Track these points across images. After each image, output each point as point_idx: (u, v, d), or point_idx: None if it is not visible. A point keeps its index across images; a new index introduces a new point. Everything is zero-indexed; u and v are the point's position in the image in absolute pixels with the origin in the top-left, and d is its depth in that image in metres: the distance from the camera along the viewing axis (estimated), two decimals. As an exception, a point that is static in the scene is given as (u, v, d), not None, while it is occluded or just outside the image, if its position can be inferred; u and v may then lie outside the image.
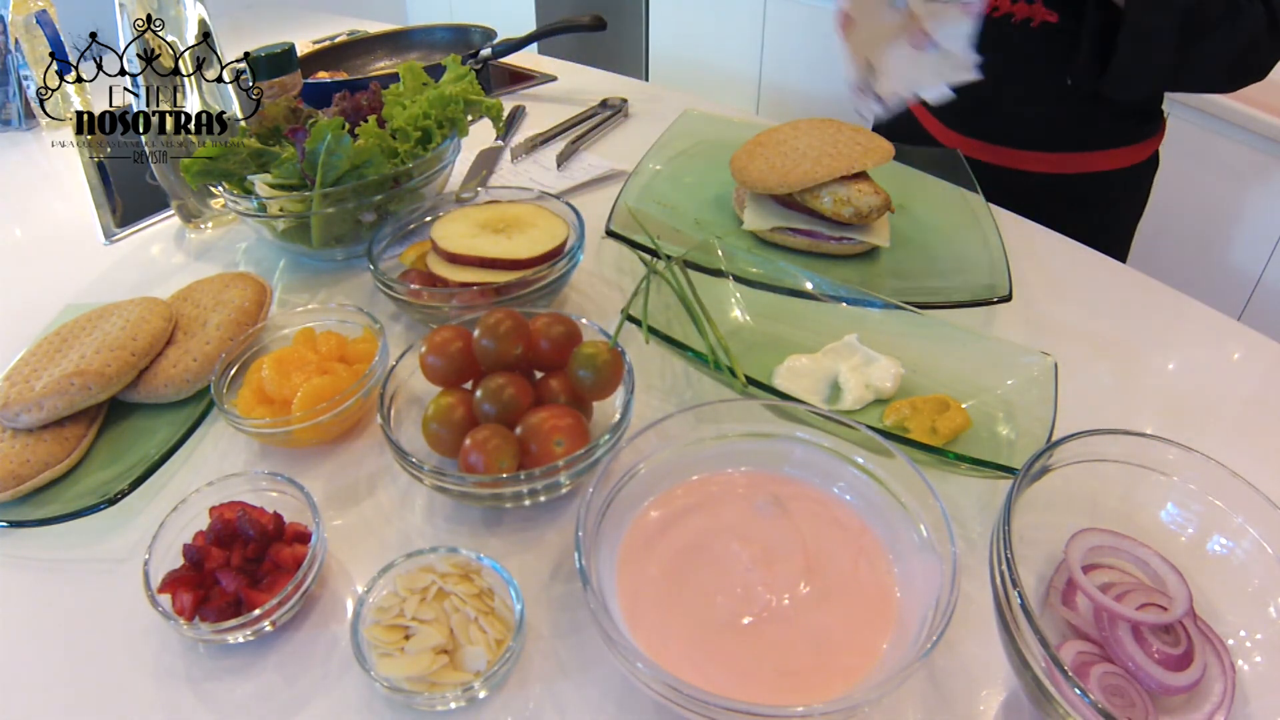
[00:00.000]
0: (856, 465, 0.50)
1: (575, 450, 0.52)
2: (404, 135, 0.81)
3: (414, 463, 0.52)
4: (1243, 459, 0.46)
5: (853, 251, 0.82)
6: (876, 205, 0.78)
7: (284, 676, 0.47)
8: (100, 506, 0.56)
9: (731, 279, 0.73)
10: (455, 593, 0.47)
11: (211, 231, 0.94)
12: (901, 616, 0.44)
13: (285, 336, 0.69)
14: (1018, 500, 0.42)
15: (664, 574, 0.46)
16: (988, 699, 0.45)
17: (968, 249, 0.81)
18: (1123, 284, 0.80)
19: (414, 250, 0.76)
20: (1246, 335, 0.73)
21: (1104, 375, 0.68)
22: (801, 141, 0.83)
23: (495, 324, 0.57)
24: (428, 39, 1.49)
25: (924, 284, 0.78)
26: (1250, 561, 0.44)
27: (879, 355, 0.64)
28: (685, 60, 2.47)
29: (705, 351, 0.61)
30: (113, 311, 0.69)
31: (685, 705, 0.38)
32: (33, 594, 0.54)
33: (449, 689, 0.44)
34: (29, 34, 1.17)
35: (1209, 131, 1.67)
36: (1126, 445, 0.47)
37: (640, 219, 0.83)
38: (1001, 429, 0.59)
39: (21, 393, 0.61)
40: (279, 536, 0.51)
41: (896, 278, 0.80)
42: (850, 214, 0.78)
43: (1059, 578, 0.47)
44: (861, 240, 0.80)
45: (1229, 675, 0.42)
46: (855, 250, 0.81)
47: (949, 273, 0.78)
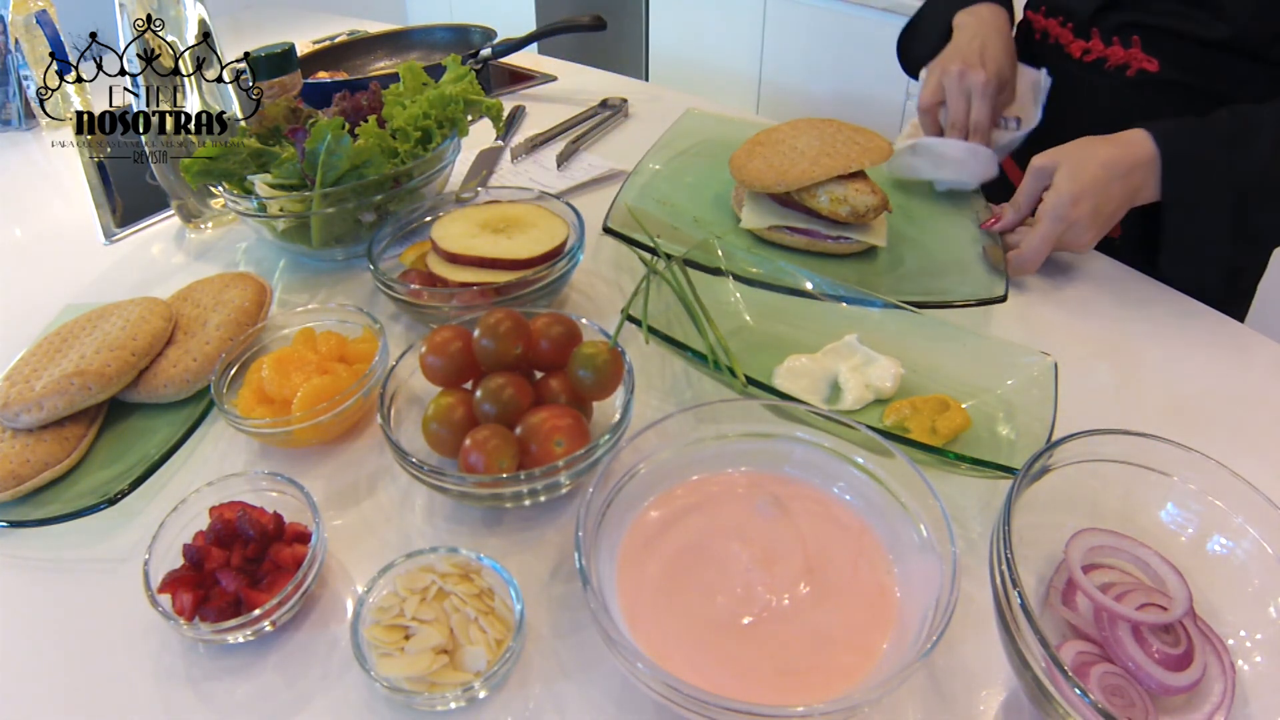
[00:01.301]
0: (856, 465, 0.50)
1: (575, 450, 0.52)
2: (404, 135, 0.81)
3: (414, 463, 0.52)
4: (1243, 459, 0.46)
5: (850, 250, 0.82)
6: (873, 205, 0.78)
7: (284, 676, 0.47)
8: (100, 506, 0.56)
9: (731, 278, 0.73)
10: (455, 593, 0.47)
11: (211, 231, 0.94)
12: (901, 616, 0.44)
13: (285, 336, 0.69)
14: (1018, 500, 0.43)
15: (664, 574, 0.46)
16: (988, 699, 0.45)
17: (967, 249, 0.81)
18: (1123, 284, 0.80)
19: (414, 250, 0.76)
20: (1246, 335, 0.73)
21: (1104, 375, 0.68)
22: (800, 141, 0.83)
23: (495, 324, 0.57)
24: (428, 39, 1.49)
25: (921, 283, 0.78)
26: (1250, 561, 0.44)
27: (879, 355, 0.64)
28: (685, 60, 2.47)
29: (705, 352, 0.61)
30: (113, 311, 0.69)
31: (685, 705, 0.38)
32: (33, 594, 0.54)
33: (449, 689, 0.44)
34: (29, 34, 1.17)
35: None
36: (1126, 445, 0.47)
37: (639, 217, 0.83)
38: (1001, 429, 0.59)
39: (21, 393, 0.61)
40: (279, 536, 0.51)
41: (894, 277, 0.80)
42: (847, 213, 0.78)
43: (1059, 578, 0.47)
44: (859, 239, 0.80)
45: (1229, 675, 0.42)
46: (852, 249, 0.81)
47: (947, 272, 0.78)
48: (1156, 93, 0.83)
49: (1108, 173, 0.72)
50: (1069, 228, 0.73)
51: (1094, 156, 0.73)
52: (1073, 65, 0.88)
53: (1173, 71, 0.82)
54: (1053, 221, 0.73)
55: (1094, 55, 0.86)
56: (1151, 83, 0.83)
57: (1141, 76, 0.83)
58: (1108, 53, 0.84)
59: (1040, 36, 0.92)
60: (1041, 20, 0.92)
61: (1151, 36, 0.81)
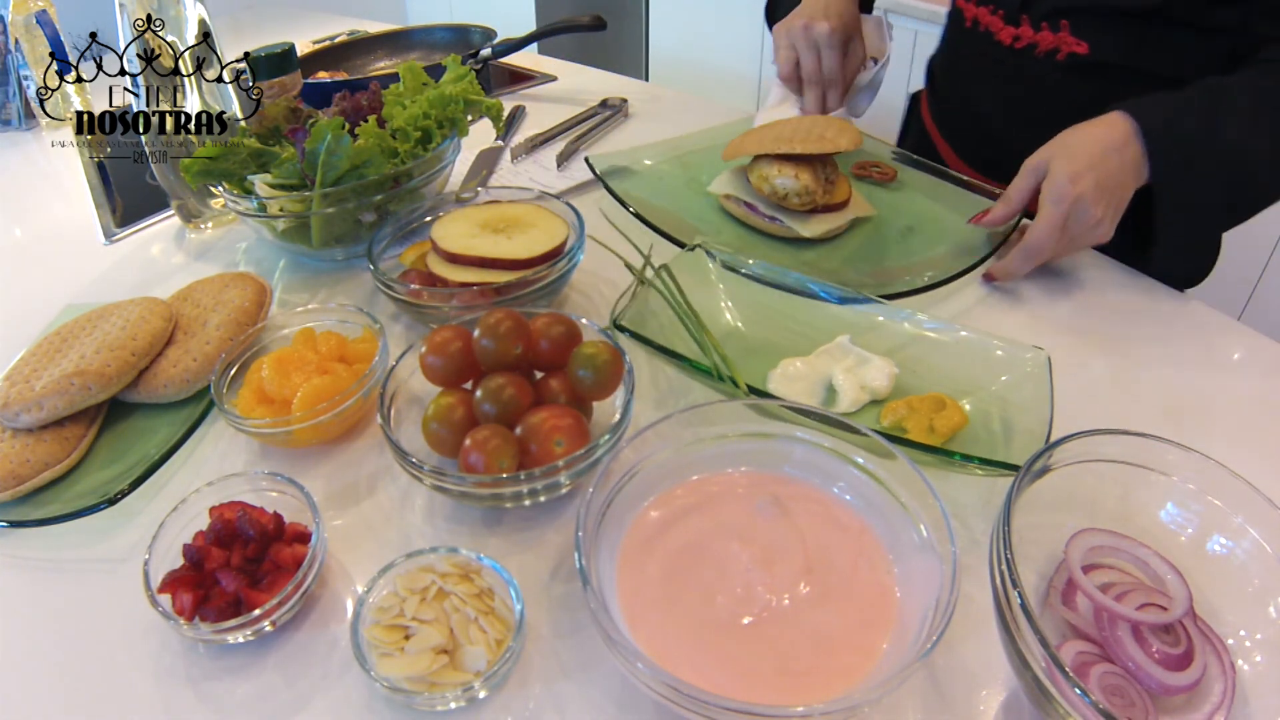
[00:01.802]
0: (856, 465, 0.50)
1: (575, 450, 0.52)
2: (404, 135, 0.81)
3: (414, 463, 0.52)
4: (1243, 459, 0.46)
5: (783, 234, 0.83)
6: (794, 190, 0.79)
7: (284, 676, 0.47)
8: (100, 506, 0.56)
9: (718, 274, 0.73)
10: (455, 593, 0.47)
11: (211, 231, 0.94)
12: (901, 616, 0.44)
13: (285, 336, 0.69)
14: (1018, 500, 0.43)
15: (664, 574, 0.46)
16: (988, 699, 0.45)
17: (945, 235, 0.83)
18: (1122, 283, 0.80)
19: (414, 250, 0.76)
20: (1246, 335, 0.73)
21: (1103, 375, 0.68)
22: (789, 126, 0.84)
23: (495, 324, 0.57)
24: (428, 39, 1.49)
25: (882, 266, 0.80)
26: (1250, 561, 0.44)
27: (872, 355, 0.64)
28: (685, 60, 2.47)
29: (705, 363, 0.61)
30: (113, 311, 0.69)
31: (685, 705, 0.38)
32: (33, 594, 0.54)
33: (449, 689, 0.44)
34: (29, 34, 1.17)
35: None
36: (1126, 445, 0.47)
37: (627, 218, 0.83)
38: (999, 425, 0.59)
39: (21, 393, 0.61)
40: (279, 536, 0.51)
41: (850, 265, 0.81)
42: (769, 191, 0.82)
43: (1059, 578, 0.47)
44: (788, 226, 0.82)
45: (1229, 675, 0.42)
46: (785, 233, 0.83)
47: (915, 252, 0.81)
48: (1088, 76, 0.83)
49: (1101, 148, 0.70)
50: (1074, 208, 0.70)
51: (1084, 138, 0.72)
52: (1004, 52, 0.89)
53: (1103, 53, 0.81)
54: (1054, 204, 0.71)
55: (1024, 41, 0.85)
56: (1082, 66, 0.83)
57: (1072, 60, 0.83)
58: (1038, 38, 0.84)
59: (971, 24, 0.93)
60: (972, 8, 0.93)
61: (1080, 20, 0.82)
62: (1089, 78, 0.83)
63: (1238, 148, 0.70)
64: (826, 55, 0.90)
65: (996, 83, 0.91)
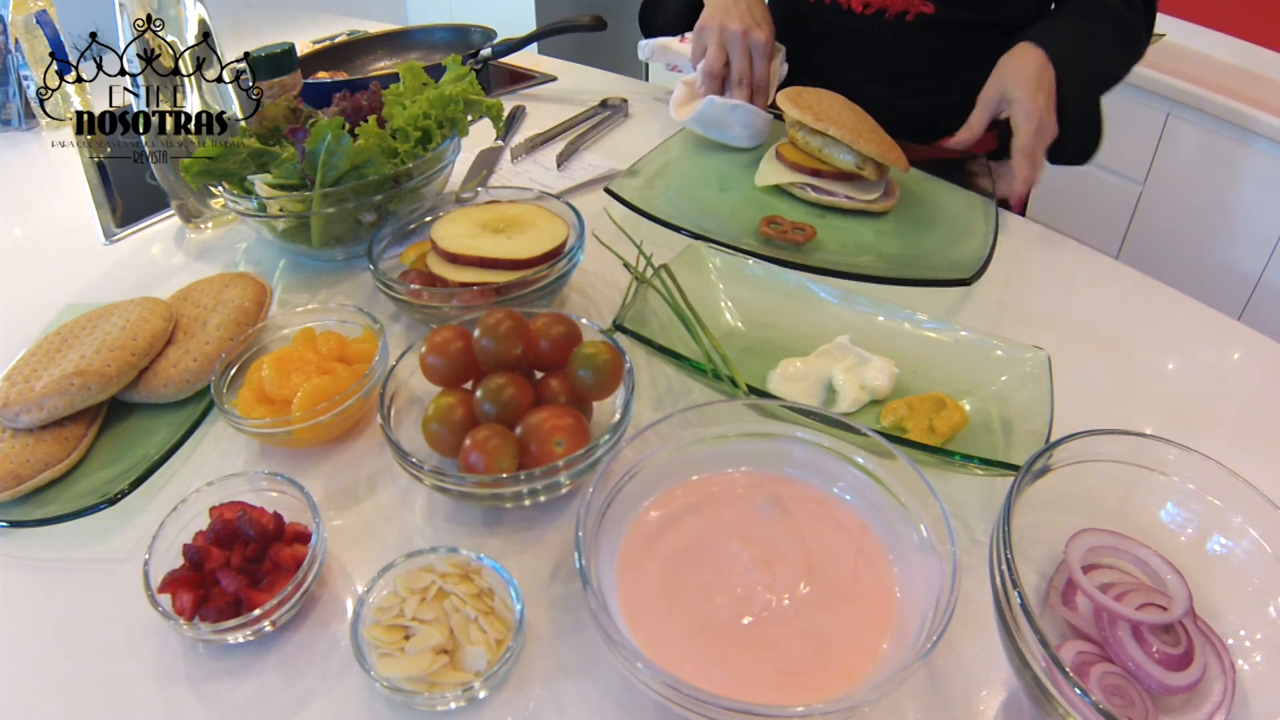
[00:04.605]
0: (856, 465, 0.50)
1: (575, 450, 0.52)
2: (404, 135, 0.81)
3: (414, 463, 0.52)
4: (1243, 459, 0.46)
5: (853, 208, 0.87)
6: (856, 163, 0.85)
7: (284, 676, 0.47)
8: (100, 506, 0.56)
9: (718, 274, 0.73)
10: (455, 593, 0.47)
11: (211, 231, 0.94)
12: (901, 616, 0.44)
13: (285, 336, 0.69)
14: (1018, 500, 0.43)
15: (664, 574, 0.46)
16: (988, 699, 0.45)
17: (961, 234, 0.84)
18: (1122, 283, 0.80)
19: (414, 250, 0.76)
20: (1246, 335, 0.73)
21: (1103, 375, 0.68)
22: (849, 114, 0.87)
23: (495, 324, 0.57)
24: (428, 39, 1.49)
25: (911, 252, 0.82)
26: (1250, 561, 0.44)
27: (872, 355, 0.64)
28: (685, 60, 2.46)
29: (704, 363, 0.61)
30: (113, 311, 0.69)
31: (685, 705, 0.38)
32: (33, 594, 0.54)
33: (449, 689, 0.44)
34: (29, 34, 1.17)
35: (1209, 131, 1.67)
36: (1126, 445, 0.47)
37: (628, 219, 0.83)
38: (999, 425, 0.59)
39: (21, 393, 0.61)
40: (279, 536, 0.51)
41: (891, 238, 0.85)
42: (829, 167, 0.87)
43: (1059, 578, 0.47)
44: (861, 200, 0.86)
45: (1229, 675, 0.42)
46: (856, 207, 0.87)
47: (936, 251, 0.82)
48: (937, 32, 0.95)
49: (1034, 71, 0.84)
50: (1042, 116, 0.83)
51: (1021, 67, 0.85)
52: (854, 19, 0.97)
53: (948, 9, 0.93)
54: (1027, 118, 0.83)
55: (874, 8, 0.95)
56: (930, 23, 0.94)
57: (921, 20, 0.94)
58: (886, 3, 0.94)
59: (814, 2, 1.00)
60: None
61: None
62: (938, 33, 0.95)
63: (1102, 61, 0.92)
64: (759, 63, 0.97)
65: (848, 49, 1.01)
